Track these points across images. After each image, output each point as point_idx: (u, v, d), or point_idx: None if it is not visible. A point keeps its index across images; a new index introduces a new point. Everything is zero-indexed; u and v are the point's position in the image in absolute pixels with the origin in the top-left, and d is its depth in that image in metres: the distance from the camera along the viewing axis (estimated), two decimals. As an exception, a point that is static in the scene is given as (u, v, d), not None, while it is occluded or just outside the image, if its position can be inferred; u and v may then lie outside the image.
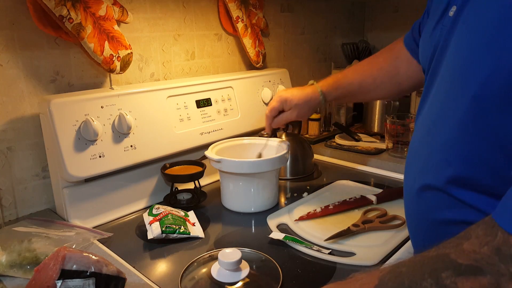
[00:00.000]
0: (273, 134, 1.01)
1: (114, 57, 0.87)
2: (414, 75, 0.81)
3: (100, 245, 0.75)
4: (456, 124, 0.48)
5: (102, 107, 0.84)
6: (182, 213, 0.84)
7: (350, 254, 0.72)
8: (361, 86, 0.85)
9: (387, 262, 0.69)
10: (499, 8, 0.42)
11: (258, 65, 1.27)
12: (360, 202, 0.90)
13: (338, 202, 0.90)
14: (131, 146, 0.88)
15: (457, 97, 0.47)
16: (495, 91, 0.42)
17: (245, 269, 0.63)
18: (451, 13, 0.51)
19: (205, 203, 0.94)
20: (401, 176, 1.08)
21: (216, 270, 0.63)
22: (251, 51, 1.23)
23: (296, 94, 0.87)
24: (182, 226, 0.77)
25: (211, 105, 1.05)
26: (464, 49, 0.47)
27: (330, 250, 0.72)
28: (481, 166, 0.46)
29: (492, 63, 0.42)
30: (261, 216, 0.87)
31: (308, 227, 0.81)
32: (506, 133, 0.42)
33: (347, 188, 1.01)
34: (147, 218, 0.82)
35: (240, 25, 1.19)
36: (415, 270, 0.39)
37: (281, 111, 0.90)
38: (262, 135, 1.07)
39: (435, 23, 0.56)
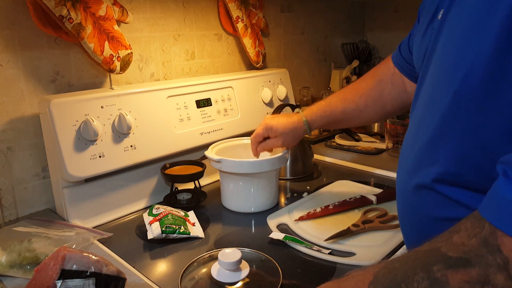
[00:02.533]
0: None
1: (114, 57, 0.87)
2: (398, 97, 0.82)
3: (100, 245, 0.75)
4: (440, 120, 0.49)
5: (102, 107, 0.84)
6: (182, 213, 0.84)
7: (350, 254, 0.72)
8: (344, 113, 0.86)
9: (387, 262, 0.69)
10: (477, 6, 0.43)
11: (258, 65, 1.27)
12: (360, 202, 0.90)
13: (338, 202, 0.90)
14: (131, 146, 0.88)
15: (440, 94, 0.48)
16: (474, 87, 0.43)
17: (245, 269, 0.63)
18: (439, 16, 0.52)
19: (205, 203, 0.94)
20: (401, 176, 1.08)
21: (216, 270, 0.63)
22: (251, 51, 1.23)
23: (282, 122, 0.87)
24: (182, 226, 0.77)
25: (211, 105, 1.05)
26: (448, 47, 0.48)
27: (330, 250, 0.72)
28: (465, 163, 0.46)
29: (470, 59, 0.43)
30: (261, 216, 0.87)
31: (308, 227, 0.81)
32: (486, 131, 0.43)
33: (347, 188, 1.01)
34: (147, 218, 0.82)
35: (240, 25, 1.19)
36: (408, 265, 0.40)
37: (267, 138, 0.90)
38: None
39: (426, 27, 0.57)
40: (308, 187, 1.03)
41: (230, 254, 0.62)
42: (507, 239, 0.34)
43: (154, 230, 0.75)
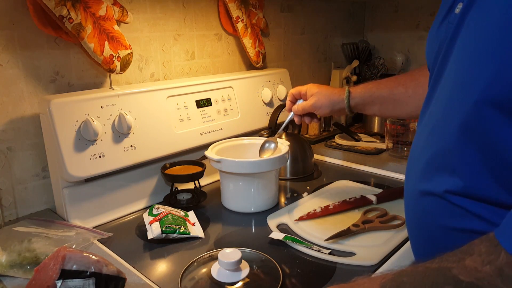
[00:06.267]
0: (273, 133, 1.01)
1: (114, 57, 0.87)
2: None
3: (100, 245, 0.75)
4: (457, 130, 0.46)
5: (102, 107, 0.84)
6: (182, 213, 0.84)
7: (350, 254, 0.72)
8: (392, 93, 0.81)
9: (387, 263, 0.69)
10: (504, 10, 0.40)
11: (258, 65, 1.27)
12: (360, 202, 0.90)
13: (338, 202, 0.90)
14: (131, 146, 0.88)
15: (459, 102, 0.45)
16: (498, 98, 0.40)
17: (245, 269, 0.63)
18: (457, 10, 0.48)
19: (205, 203, 0.94)
20: (401, 176, 1.08)
21: (216, 270, 0.63)
22: (251, 51, 1.23)
23: (322, 86, 0.87)
24: (182, 226, 0.77)
25: (211, 105, 1.05)
26: (469, 51, 0.45)
27: (330, 250, 0.72)
28: (485, 176, 0.44)
29: (495, 67, 0.40)
30: (261, 216, 0.87)
31: (308, 227, 0.81)
32: (507, 143, 0.41)
33: (347, 188, 1.01)
34: (147, 218, 0.82)
35: (240, 25, 1.19)
36: (417, 281, 0.39)
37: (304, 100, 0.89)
38: (262, 135, 1.08)
39: (442, 20, 0.54)
40: (308, 187, 1.03)
41: (230, 254, 0.62)
42: None
43: (154, 230, 0.75)
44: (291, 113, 0.92)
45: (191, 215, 0.86)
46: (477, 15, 0.44)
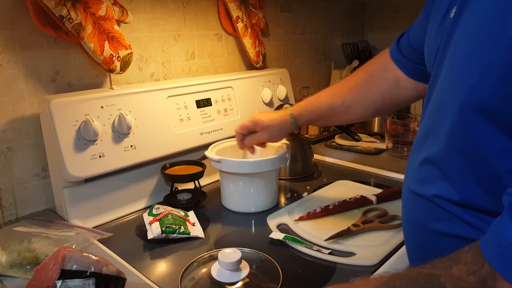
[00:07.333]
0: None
1: (114, 57, 0.87)
2: (389, 92, 0.77)
3: (100, 245, 0.75)
4: (445, 135, 0.45)
5: (102, 107, 0.84)
6: (182, 213, 0.84)
7: (350, 254, 0.72)
8: (331, 108, 0.83)
9: (386, 263, 0.69)
10: (489, 9, 0.40)
11: (258, 65, 1.27)
12: (360, 202, 0.90)
13: (338, 202, 0.90)
14: (131, 146, 0.88)
15: (448, 105, 0.45)
16: (482, 101, 0.40)
17: (245, 269, 0.63)
18: (451, 15, 0.49)
19: (205, 203, 0.94)
20: (401, 176, 1.08)
21: (216, 270, 0.63)
22: (251, 51, 1.23)
23: (268, 116, 0.87)
24: (182, 226, 0.77)
25: (211, 105, 1.05)
26: (459, 55, 0.45)
27: (330, 250, 0.72)
28: (469, 182, 0.44)
29: (479, 69, 0.40)
30: (261, 216, 0.87)
31: (308, 227, 0.81)
32: (495, 151, 0.40)
33: (347, 188, 1.01)
34: (147, 218, 0.82)
35: (240, 25, 1.19)
36: (408, 286, 0.39)
37: (253, 132, 0.89)
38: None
39: (438, 25, 0.54)
40: (308, 187, 1.03)
41: (230, 254, 0.62)
42: (507, 284, 0.33)
43: (154, 230, 0.75)
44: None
45: (191, 215, 0.86)
46: (468, 19, 0.44)
